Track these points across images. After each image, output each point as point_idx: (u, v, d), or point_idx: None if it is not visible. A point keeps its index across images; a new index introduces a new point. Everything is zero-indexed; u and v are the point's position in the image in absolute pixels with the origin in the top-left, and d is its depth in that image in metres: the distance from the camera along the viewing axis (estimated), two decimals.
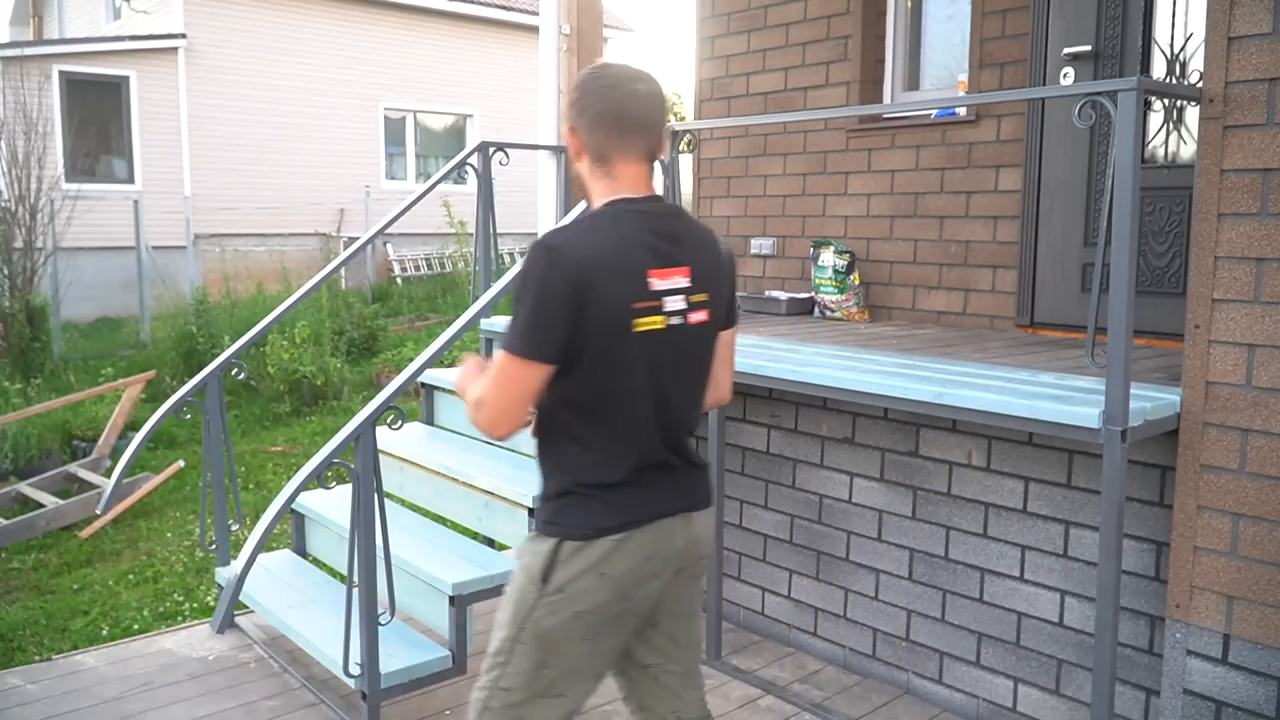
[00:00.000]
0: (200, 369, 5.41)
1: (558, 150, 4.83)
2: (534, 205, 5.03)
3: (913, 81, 5.04)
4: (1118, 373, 2.53)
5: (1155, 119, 3.91)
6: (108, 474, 7.21)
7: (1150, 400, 2.70)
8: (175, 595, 5.27)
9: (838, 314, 4.79)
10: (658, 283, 1.97)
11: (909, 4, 5.00)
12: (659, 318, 1.96)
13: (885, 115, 4.84)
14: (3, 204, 11.34)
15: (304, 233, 16.75)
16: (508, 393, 1.94)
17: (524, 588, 2.02)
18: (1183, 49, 3.84)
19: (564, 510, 2.02)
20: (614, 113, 2.00)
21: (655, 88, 2.04)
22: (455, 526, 4.15)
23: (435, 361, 3.20)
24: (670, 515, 2.06)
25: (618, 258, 1.93)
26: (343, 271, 13.71)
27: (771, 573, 4.02)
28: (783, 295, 5.08)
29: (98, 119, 15.29)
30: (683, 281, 2.01)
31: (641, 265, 1.95)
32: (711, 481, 2.21)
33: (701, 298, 2.04)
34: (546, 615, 2.00)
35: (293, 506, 3.90)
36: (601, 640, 2.04)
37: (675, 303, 1.99)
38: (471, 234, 8.67)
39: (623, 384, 1.97)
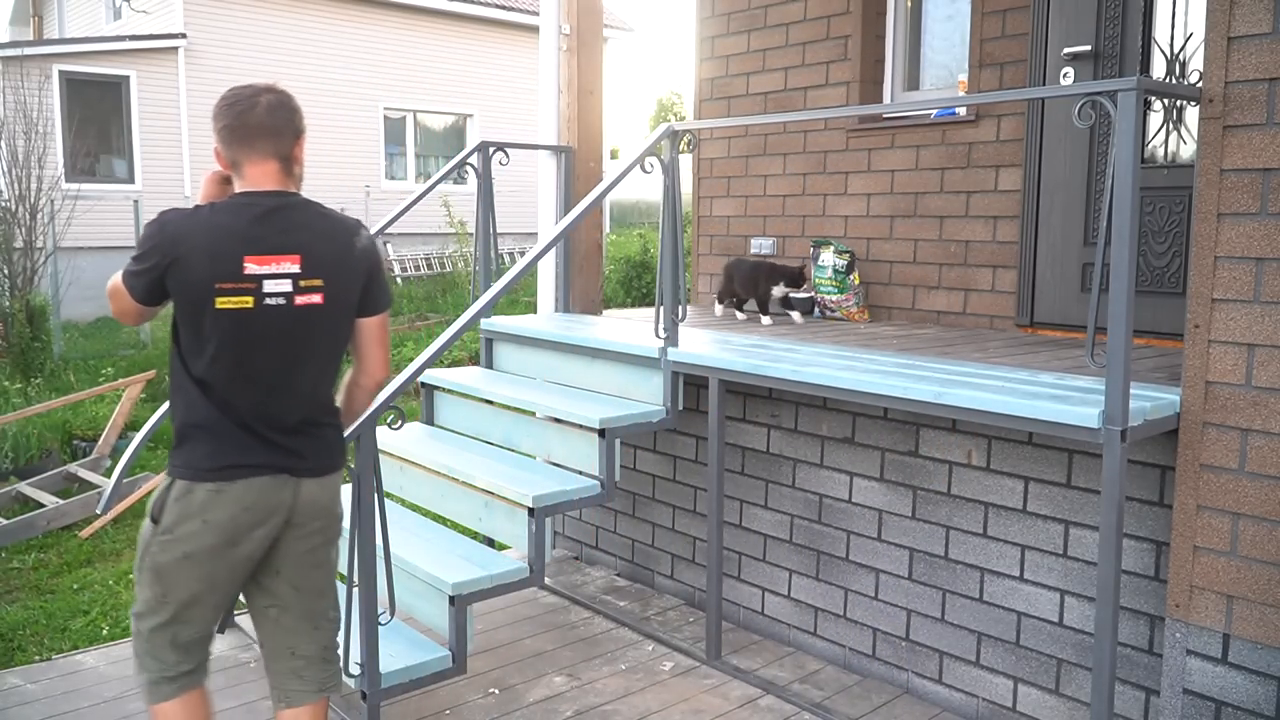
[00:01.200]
0: None
1: (558, 150, 4.83)
2: (534, 205, 5.03)
3: (913, 81, 5.04)
4: (1118, 373, 2.53)
5: (1155, 119, 3.91)
6: (108, 474, 7.21)
7: (1150, 400, 2.70)
8: None
9: (838, 314, 4.79)
10: (254, 267, 2.23)
11: (909, 4, 5.00)
12: (248, 298, 2.23)
13: (885, 115, 4.84)
14: (3, 204, 11.34)
15: None
16: (117, 302, 2.34)
17: (146, 524, 2.35)
18: (1183, 49, 3.84)
19: (177, 451, 2.32)
20: (236, 125, 2.31)
21: (278, 98, 2.34)
22: (455, 526, 4.15)
23: (435, 361, 3.20)
24: (270, 473, 2.31)
25: (209, 242, 2.22)
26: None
27: (771, 572, 4.02)
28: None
29: (98, 119, 15.29)
30: (291, 267, 2.27)
31: (236, 251, 2.22)
32: (339, 453, 2.48)
33: (315, 283, 2.29)
34: (160, 552, 2.31)
35: None
36: (216, 578, 2.34)
37: (277, 285, 2.25)
38: (471, 234, 8.67)
39: (212, 350, 2.25)
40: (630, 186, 17.35)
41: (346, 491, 2.93)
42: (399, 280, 16.75)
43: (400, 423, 3.20)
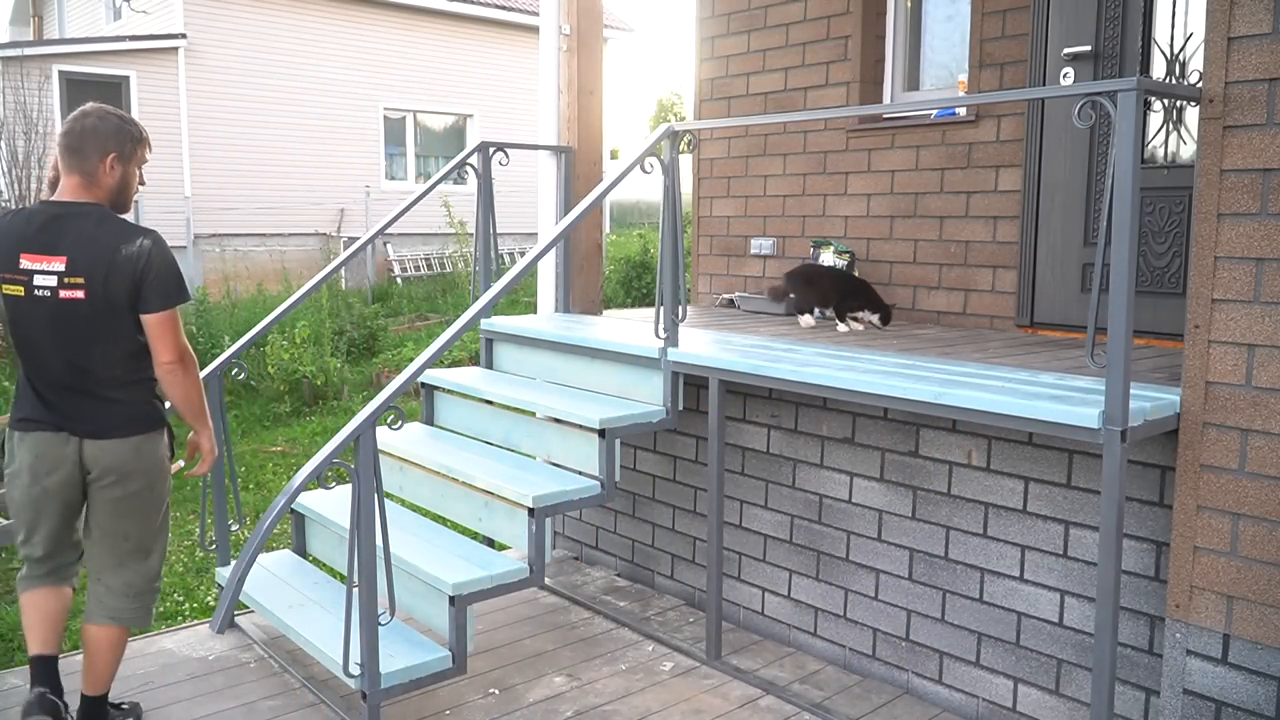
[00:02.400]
0: (200, 369, 5.41)
1: (558, 150, 4.83)
2: (534, 205, 5.03)
3: (913, 81, 5.04)
4: (1118, 373, 2.53)
5: (1155, 119, 3.91)
6: None
7: (1150, 400, 2.70)
8: (175, 595, 5.27)
9: None
10: (27, 263, 2.77)
11: (909, 4, 5.00)
12: (20, 287, 2.79)
13: (885, 115, 4.84)
14: (3, 204, 11.34)
15: (304, 233, 16.76)
16: None
17: None
18: (1183, 49, 3.84)
19: (10, 404, 2.99)
20: (60, 142, 2.84)
21: (94, 122, 2.84)
22: (455, 526, 4.15)
23: (435, 361, 3.20)
24: (51, 429, 2.86)
25: (2, 239, 2.81)
26: (343, 271, 13.71)
27: (771, 573, 4.02)
28: None
29: None
30: (57, 266, 2.76)
31: (16, 248, 2.78)
32: (129, 422, 2.90)
33: (77, 280, 2.76)
34: (6, 485, 2.96)
35: (293, 506, 3.90)
36: (40, 508, 2.92)
37: (45, 280, 2.77)
38: (471, 234, 8.67)
39: (7, 326, 2.89)
40: (630, 186, 17.36)
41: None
42: (399, 280, 16.74)
43: (400, 423, 3.20)
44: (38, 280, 2.78)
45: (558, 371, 4.28)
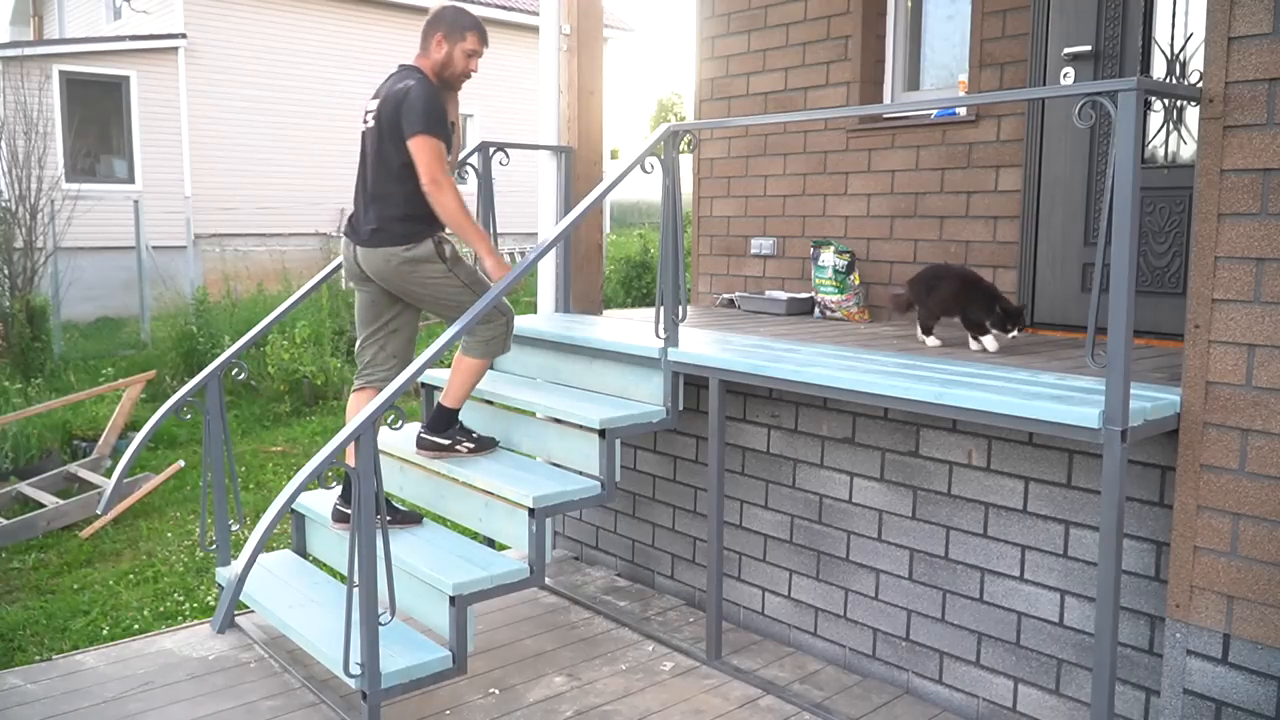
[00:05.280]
0: (200, 369, 5.41)
1: (558, 150, 4.83)
2: (534, 205, 5.03)
3: (913, 81, 5.04)
4: (1118, 373, 2.53)
5: (1155, 119, 3.91)
6: (108, 474, 7.21)
7: (1150, 400, 2.70)
8: (175, 595, 5.27)
9: (838, 314, 4.79)
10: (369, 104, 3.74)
11: (909, 4, 5.00)
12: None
13: (885, 115, 4.84)
14: (3, 204, 11.35)
15: (304, 233, 16.76)
16: None
17: None
18: (1183, 49, 3.84)
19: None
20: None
21: (434, 11, 3.68)
22: (455, 527, 4.15)
23: (435, 361, 3.20)
24: (347, 239, 3.74)
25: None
26: (343, 271, 13.68)
27: (771, 573, 4.02)
28: (783, 295, 5.08)
29: (98, 119, 15.29)
30: (372, 105, 3.73)
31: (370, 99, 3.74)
32: (385, 234, 3.60)
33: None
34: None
35: (293, 506, 3.90)
36: (359, 307, 3.85)
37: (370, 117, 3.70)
38: None
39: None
40: (630, 186, 17.36)
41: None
42: None
43: (400, 423, 3.20)
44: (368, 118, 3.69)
45: (558, 371, 4.28)
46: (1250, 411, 2.61)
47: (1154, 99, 3.86)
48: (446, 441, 3.84)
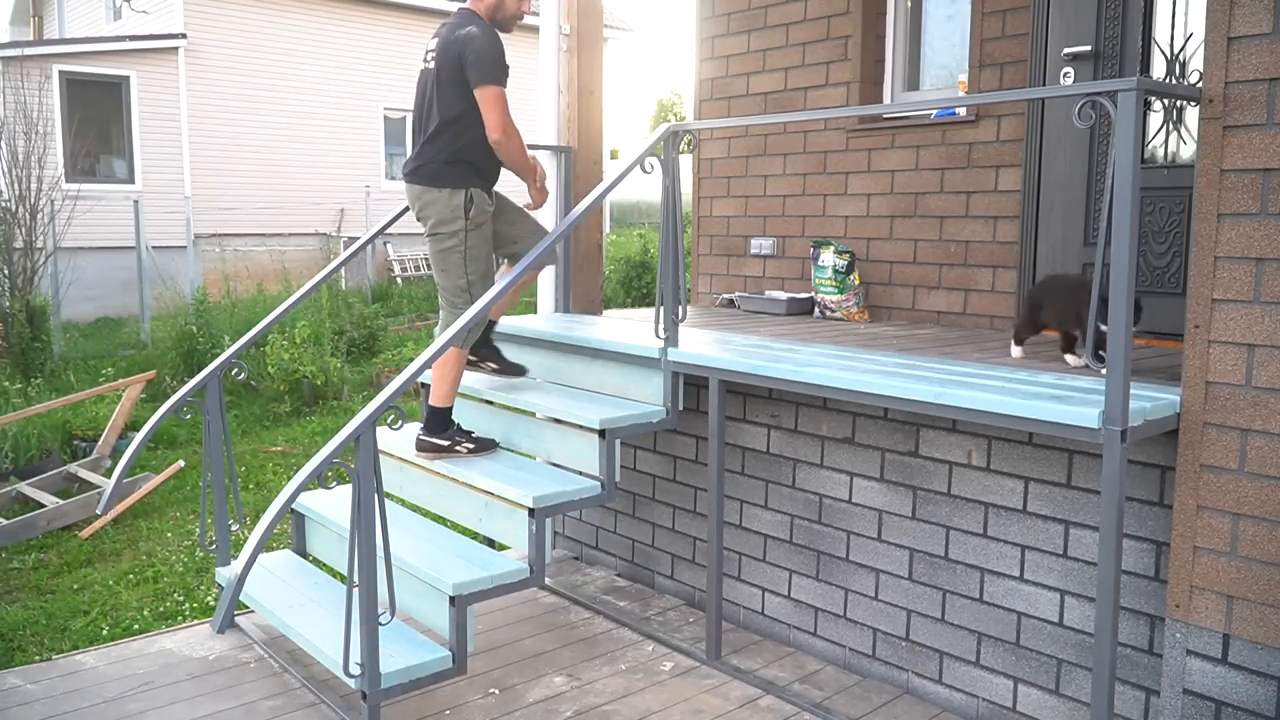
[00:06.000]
0: (200, 369, 5.41)
1: (558, 150, 4.84)
2: None
3: (913, 81, 5.04)
4: (1118, 373, 2.53)
5: (1155, 119, 3.91)
6: (108, 474, 7.21)
7: (1150, 400, 2.70)
8: (175, 595, 5.28)
9: (838, 314, 4.79)
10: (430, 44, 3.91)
11: (909, 4, 5.00)
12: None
13: (885, 115, 4.84)
14: (3, 204, 11.34)
15: (304, 233, 16.76)
16: None
17: None
18: (1183, 49, 3.84)
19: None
20: None
21: None
22: (455, 527, 4.15)
23: (433, 362, 3.20)
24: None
25: None
26: (343, 271, 13.71)
27: (771, 573, 4.02)
28: (783, 295, 5.08)
29: (98, 119, 15.30)
30: (432, 44, 3.84)
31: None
32: (425, 172, 3.71)
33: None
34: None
35: (293, 506, 3.90)
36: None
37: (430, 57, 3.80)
38: None
39: None
40: (630, 186, 17.34)
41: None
42: (399, 280, 16.74)
43: (400, 423, 3.20)
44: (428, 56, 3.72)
45: (558, 371, 4.28)
46: (1250, 411, 2.61)
47: (1154, 99, 3.86)
48: (446, 442, 3.84)
